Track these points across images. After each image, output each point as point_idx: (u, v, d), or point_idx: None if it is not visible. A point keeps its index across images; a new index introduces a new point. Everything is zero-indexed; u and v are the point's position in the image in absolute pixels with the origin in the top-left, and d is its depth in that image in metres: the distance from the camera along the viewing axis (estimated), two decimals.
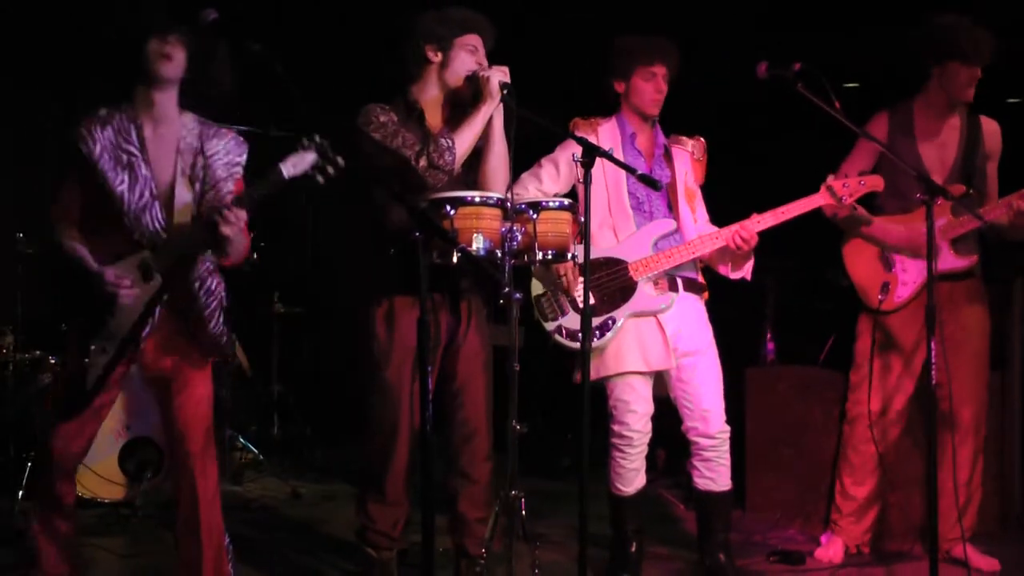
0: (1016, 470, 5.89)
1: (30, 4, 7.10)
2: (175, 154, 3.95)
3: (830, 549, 5.23)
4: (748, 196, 4.90)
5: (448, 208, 3.92)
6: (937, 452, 4.39)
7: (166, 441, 4.38)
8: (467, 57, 4.40)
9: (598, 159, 3.92)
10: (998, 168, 5.14)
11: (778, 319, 6.77)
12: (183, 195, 3.93)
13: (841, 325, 5.55)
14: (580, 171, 3.87)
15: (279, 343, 7.72)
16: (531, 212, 4.09)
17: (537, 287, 4.81)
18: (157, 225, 3.88)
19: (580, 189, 4.71)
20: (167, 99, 3.96)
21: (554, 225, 4.12)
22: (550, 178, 4.82)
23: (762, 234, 4.75)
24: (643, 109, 4.81)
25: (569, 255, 4.20)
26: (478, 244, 3.94)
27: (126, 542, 5.49)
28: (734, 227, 4.72)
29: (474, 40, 4.43)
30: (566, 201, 4.19)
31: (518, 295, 3.99)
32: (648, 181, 4.08)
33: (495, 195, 4.07)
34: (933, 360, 4.27)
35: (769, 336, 6.64)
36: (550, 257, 4.14)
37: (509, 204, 4.06)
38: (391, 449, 4.43)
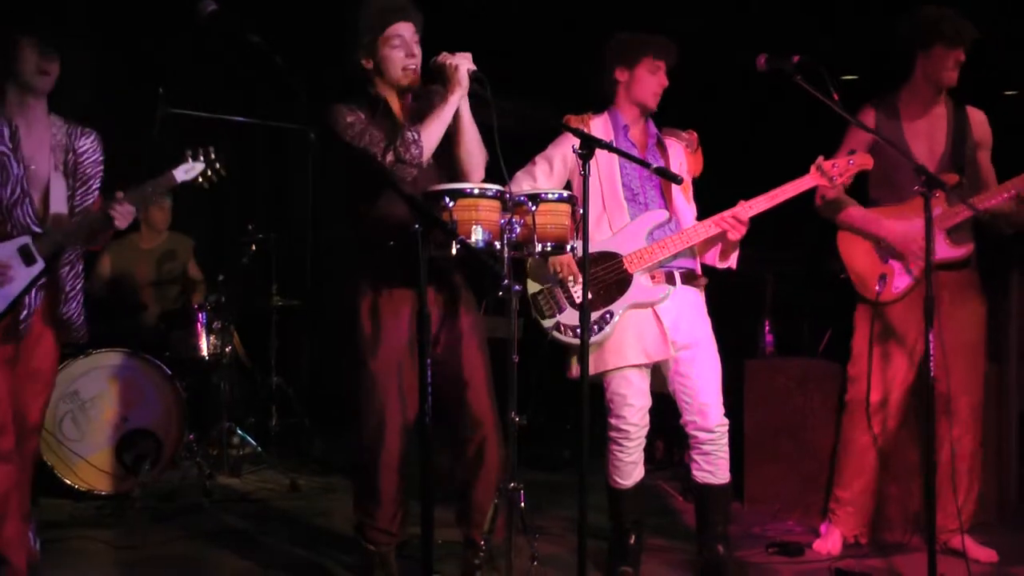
0: (1013, 461, 5.90)
1: None
2: (48, 151, 4.34)
3: (828, 540, 5.24)
4: (740, 186, 4.90)
5: (447, 200, 3.90)
6: (935, 443, 4.41)
7: (9, 412, 4.47)
8: (395, 54, 4.34)
9: (597, 151, 3.91)
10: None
11: (777, 311, 6.77)
12: (59, 188, 4.33)
13: (839, 317, 5.55)
14: (579, 163, 3.85)
15: (277, 335, 7.72)
16: (530, 204, 4.06)
17: (533, 285, 4.80)
18: (28, 219, 4.25)
19: (576, 182, 4.76)
20: (40, 104, 4.35)
21: (553, 217, 4.10)
22: (544, 175, 4.81)
23: (761, 226, 4.75)
24: (644, 100, 4.81)
25: (568, 247, 4.19)
26: (477, 236, 3.92)
27: (123, 534, 5.50)
28: (726, 214, 4.72)
29: (397, 30, 4.34)
30: (565, 193, 4.17)
31: (517, 287, 3.98)
32: (665, 174, 4.09)
33: (494, 187, 4.05)
34: (931, 352, 4.28)
35: (768, 328, 6.64)
36: (549, 249, 4.11)
37: (508, 196, 4.05)
38: (380, 444, 4.38)
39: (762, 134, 7.43)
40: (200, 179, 4.41)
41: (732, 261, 4.89)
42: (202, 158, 4.39)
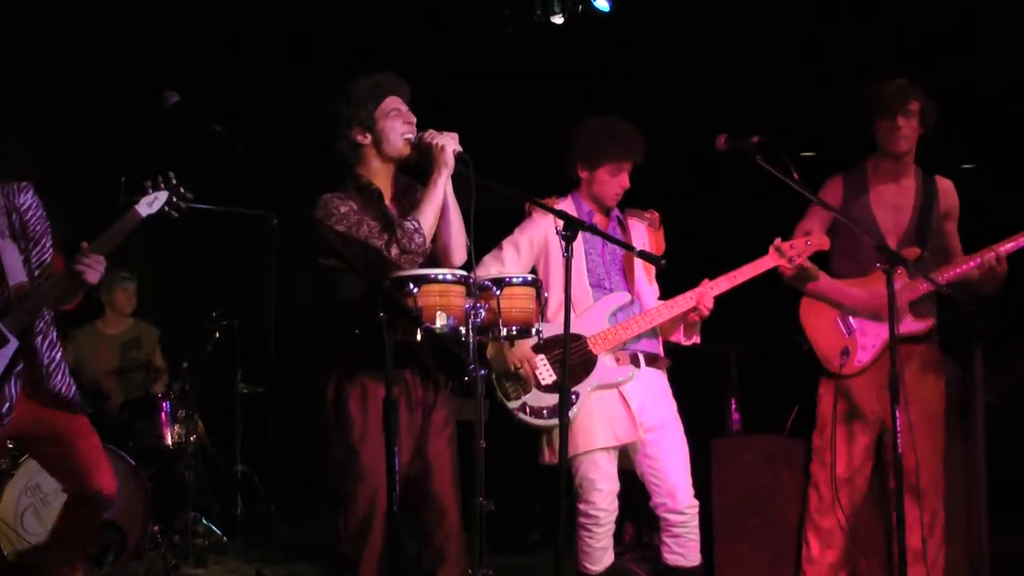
0: (984, 534, 5.88)
1: None
2: None
3: None
4: (701, 262, 4.93)
5: (411, 286, 3.87)
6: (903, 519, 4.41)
7: (68, 487, 4.34)
8: (395, 124, 4.26)
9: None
10: None
11: (742, 389, 6.78)
12: (12, 255, 4.04)
13: (805, 393, 5.55)
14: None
15: (242, 422, 7.65)
16: (494, 288, 4.07)
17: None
18: None
19: (541, 266, 4.78)
20: None
21: (518, 301, 4.11)
22: (511, 260, 4.83)
23: (723, 303, 4.78)
24: (604, 201, 4.86)
25: (533, 330, 4.19)
26: (442, 321, 3.90)
27: None
28: (689, 295, 4.75)
29: (393, 103, 4.29)
30: (529, 277, 4.19)
31: (483, 372, 3.97)
32: (648, 257, 4.14)
33: (458, 272, 4.04)
34: (898, 429, 4.28)
35: (734, 406, 6.64)
36: (514, 333, 4.12)
37: (472, 280, 4.04)
38: (368, 531, 4.23)
39: (724, 211, 7.48)
40: (167, 208, 4.12)
41: (696, 337, 4.92)
42: (163, 185, 4.12)
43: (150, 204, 4.07)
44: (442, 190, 4.20)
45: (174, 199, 4.12)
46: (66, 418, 4.22)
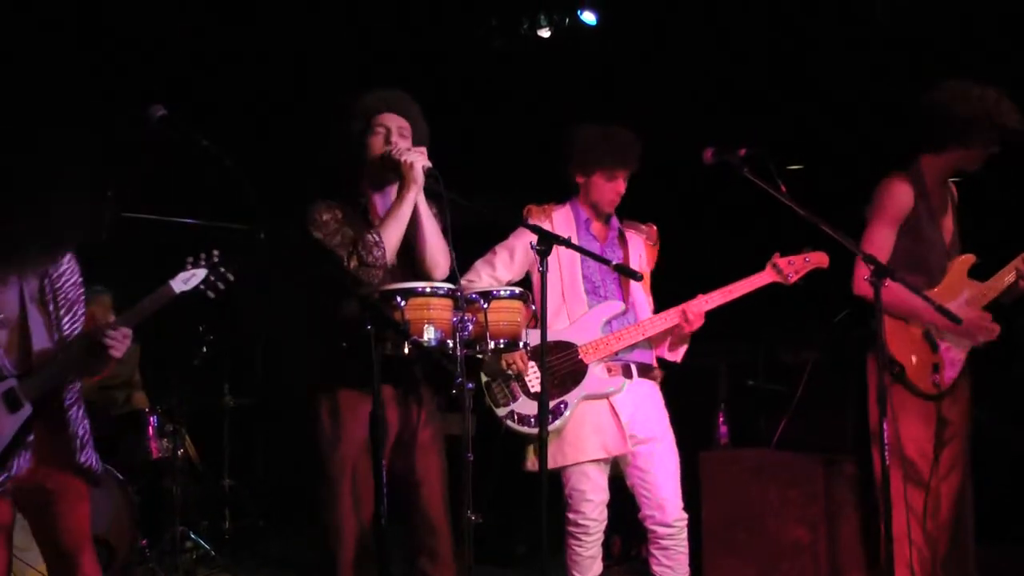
0: (970, 544, 5.87)
1: None
2: (17, 281, 3.79)
3: None
4: (696, 276, 4.93)
5: (398, 299, 3.89)
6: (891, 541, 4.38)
7: (48, 557, 4.05)
8: (372, 140, 4.30)
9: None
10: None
11: (730, 402, 6.78)
12: (39, 321, 3.80)
13: (793, 406, 5.54)
14: (538, 258, 3.88)
15: (230, 436, 7.64)
16: (482, 301, 4.08)
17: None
18: (4, 369, 3.72)
19: (535, 275, 4.78)
20: None
21: (505, 314, 4.12)
22: (504, 265, 4.83)
23: (713, 317, 4.78)
24: (600, 206, 4.87)
25: (521, 343, 4.19)
26: (429, 335, 3.92)
27: None
28: (682, 307, 4.75)
29: (386, 120, 4.31)
30: (517, 290, 4.20)
31: (470, 385, 3.96)
32: (625, 271, 4.13)
33: (445, 285, 4.06)
34: (886, 441, 4.25)
35: (722, 419, 6.64)
36: (502, 346, 4.13)
37: (459, 294, 4.05)
38: (339, 544, 4.24)
39: (722, 224, 7.48)
40: (203, 287, 3.90)
41: (679, 355, 4.92)
42: (204, 263, 3.90)
43: (185, 281, 3.87)
44: (409, 206, 4.21)
45: (212, 278, 3.91)
46: (66, 478, 3.93)
